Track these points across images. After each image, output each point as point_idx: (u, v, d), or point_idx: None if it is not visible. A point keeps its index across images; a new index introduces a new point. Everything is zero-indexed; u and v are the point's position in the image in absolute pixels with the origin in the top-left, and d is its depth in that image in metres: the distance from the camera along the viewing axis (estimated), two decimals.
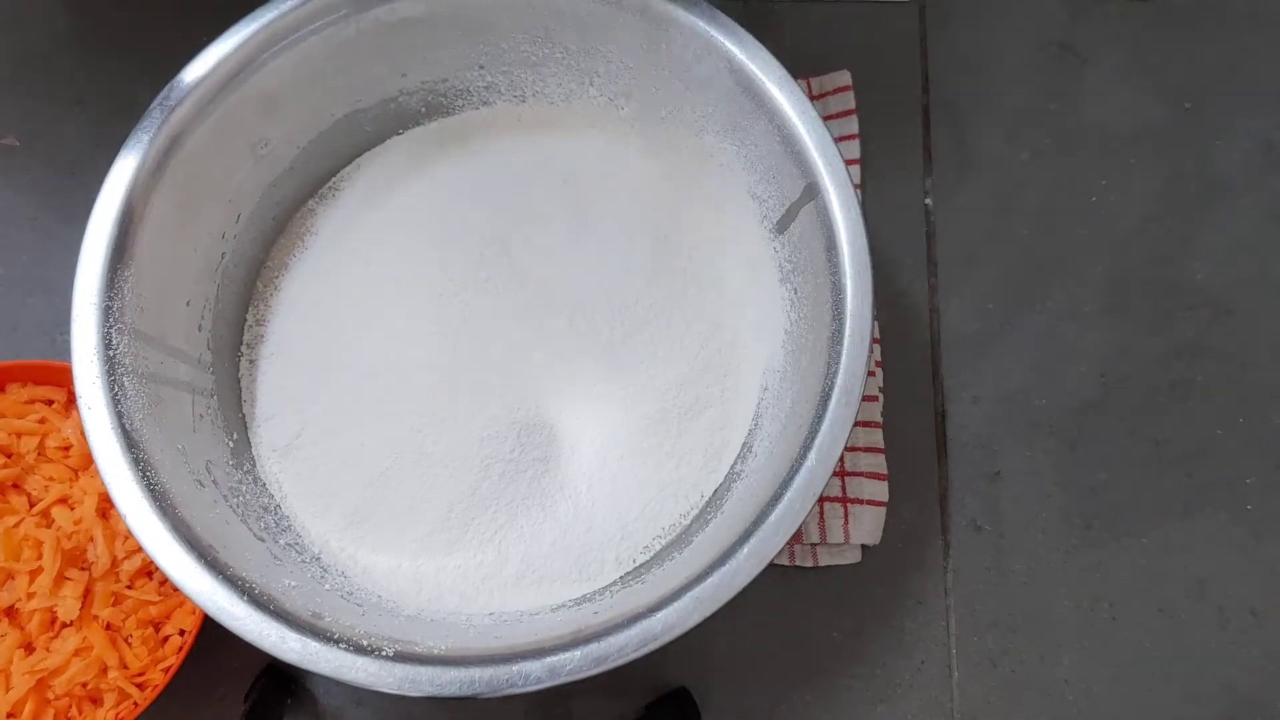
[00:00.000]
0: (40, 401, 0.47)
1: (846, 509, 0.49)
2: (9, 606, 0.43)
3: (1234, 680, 0.49)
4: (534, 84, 0.49)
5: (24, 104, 0.56)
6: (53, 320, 0.52)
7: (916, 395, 0.53)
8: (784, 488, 0.36)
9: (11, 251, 0.53)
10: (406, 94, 0.48)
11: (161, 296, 0.40)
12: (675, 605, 0.34)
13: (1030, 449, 0.52)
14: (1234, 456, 0.52)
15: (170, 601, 0.44)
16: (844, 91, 0.56)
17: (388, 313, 0.47)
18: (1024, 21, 0.59)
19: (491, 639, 0.36)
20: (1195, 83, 0.58)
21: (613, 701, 0.48)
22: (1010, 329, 0.54)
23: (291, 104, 0.44)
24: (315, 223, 0.49)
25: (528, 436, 0.44)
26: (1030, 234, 0.55)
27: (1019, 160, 0.57)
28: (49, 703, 0.42)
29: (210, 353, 0.44)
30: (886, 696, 0.49)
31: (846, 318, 0.38)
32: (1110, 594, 0.50)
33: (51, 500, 0.44)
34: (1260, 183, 0.56)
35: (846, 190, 0.39)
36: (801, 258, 0.43)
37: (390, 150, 0.50)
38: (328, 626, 0.34)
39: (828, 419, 0.37)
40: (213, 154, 0.42)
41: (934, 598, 0.50)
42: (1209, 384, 0.53)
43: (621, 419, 0.45)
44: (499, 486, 0.44)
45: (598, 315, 0.47)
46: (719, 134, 0.45)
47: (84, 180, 0.54)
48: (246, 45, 0.41)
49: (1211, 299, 0.54)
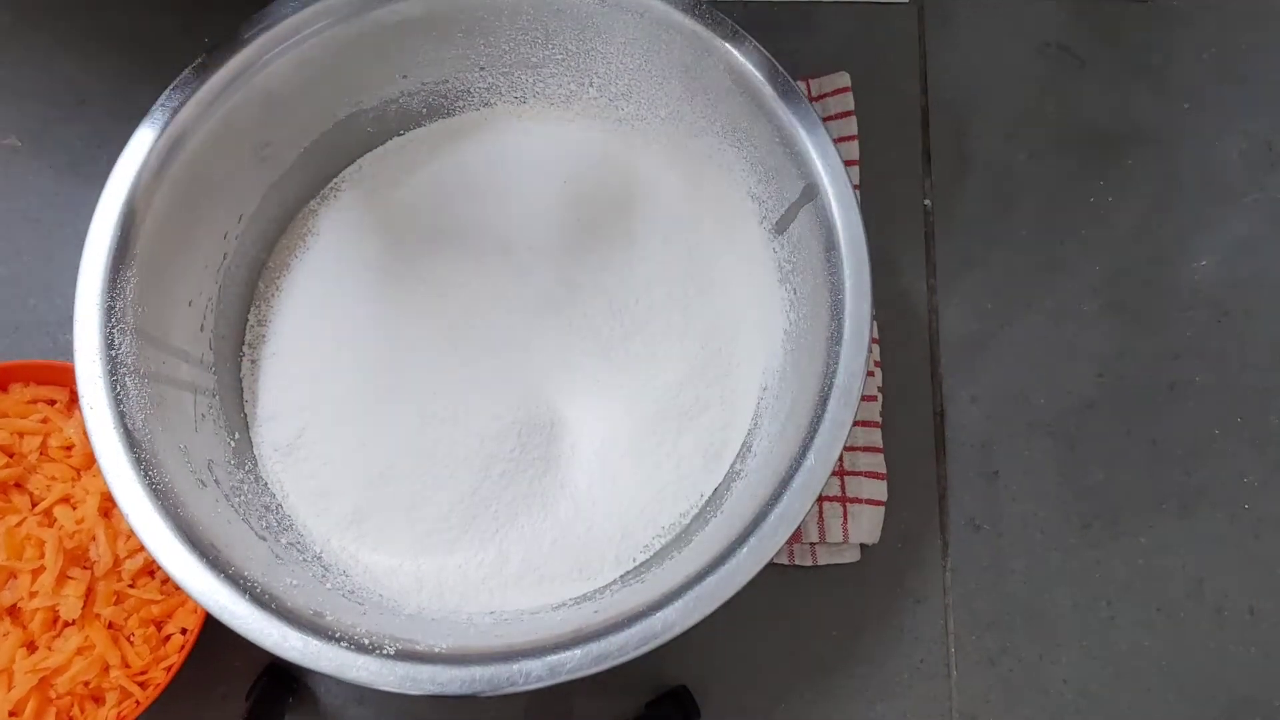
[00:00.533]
0: (43, 401, 0.47)
1: (845, 508, 0.49)
2: (11, 605, 0.43)
3: (1232, 679, 0.49)
4: (534, 85, 0.49)
5: (26, 105, 0.56)
6: (55, 320, 0.52)
7: (915, 395, 0.53)
8: (783, 487, 0.36)
9: (14, 251, 0.54)
10: (407, 95, 0.48)
11: (163, 296, 0.40)
12: (675, 604, 0.34)
13: (1029, 448, 0.52)
14: (1232, 456, 0.52)
15: (172, 600, 0.44)
16: (843, 93, 0.56)
17: (389, 313, 0.47)
18: (1023, 22, 0.59)
19: (492, 638, 0.37)
20: (1195, 83, 0.58)
21: (613, 700, 0.48)
22: (1009, 329, 0.54)
23: (293, 105, 0.44)
24: (316, 223, 0.49)
25: (528, 436, 0.45)
26: (1029, 234, 0.56)
27: (1018, 160, 0.57)
28: (51, 701, 0.42)
29: (212, 352, 0.44)
30: (885, 695, 0.49)
31: (846, 318, 0.38)
32: (1108, 593, 0.50)
33: (54, 499, 0.44)
34: (1260, 183, 0.57)
35: (846, 191, 0.39)
36: (801, 258, 0.43)
37: (391, 151, 0.50)
38: (329, 625, 0.34)
39: (827, 419, 0.37)
40: (215, 155, 0.42)
41: (933, 596, 0.50)
42: (1207, 384, 0.53)
43: (622, 419, 0.45)
44: (500, 486, 0.44)
45: (598, 315, 0.47)
46: (719, 135, 0.46)
47: (86, 180, 0.55)
48: (249, 46, 0.41)
49: (1210, 299, 0.55)
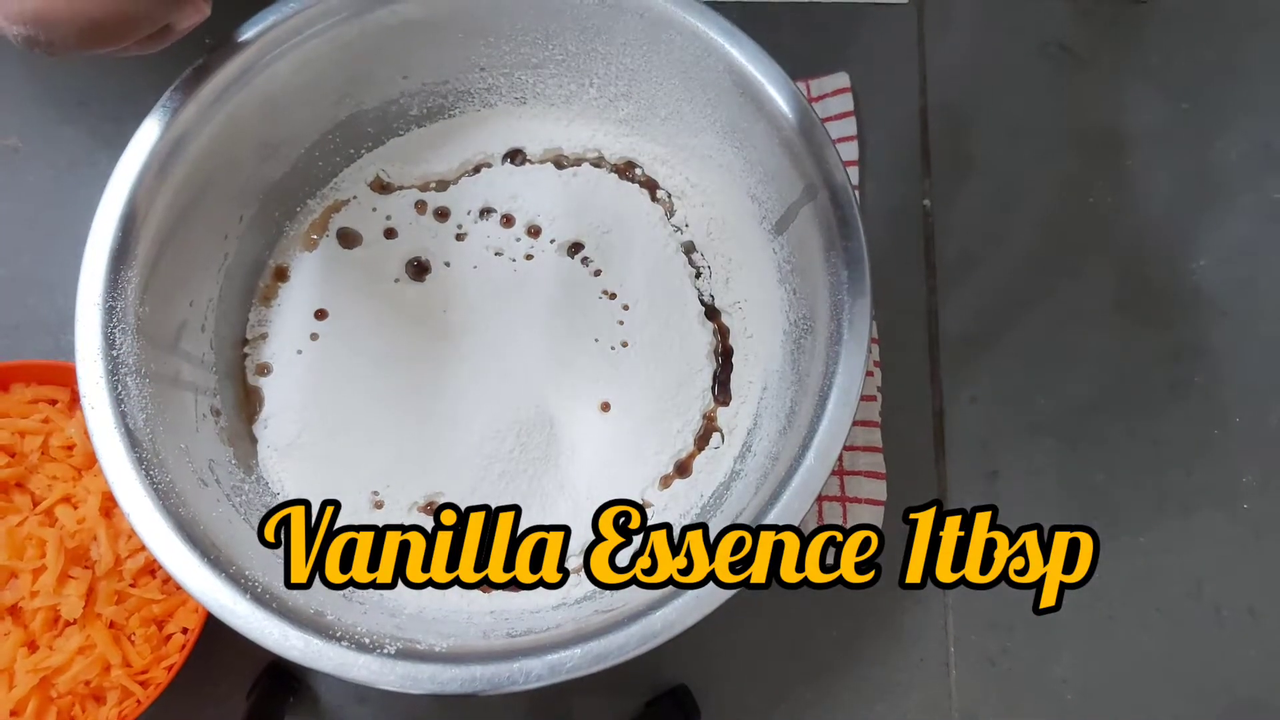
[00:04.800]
0: (44, 401, 0.47)
1: (845, 508, 0.49)
2: (12, 605, 0.43)
3: (1231, 679, 0.49)
4: (534, 85, 0.49)
5: (26, 106, 0.56)
6: (56, 320, 0.52)
7: (915, 395, 0.53)
8: (783, 487, 0.36)
9: (14, 252, 0.54)
10: (408, 96, 0.49)
11: (164, 296, 0.40)
12: (675, 603, 0.34)
13: (1028, 449, 0.52)
14: (1232, 456, 0.52)
15: (173, 600, 0.44)
16: (843, 93, 0.56)
17: (389, 313, 0.47)
18: (1023, 22, 0.59)
19: (492, 637, 0.37)
20: (1195, 83, 0.58)
21: (613, 699, 0.48)
22: (1009, 329, 0.54)
23: (294, 106, 0.44)
24: (317, 224, 0.49)
25: (528, 436, 0.45)
26: (1029, 234, 0.56)
27: (1018, 161, 0.57)
28: (52, 701, 0.42)
29: (213, 352, 0.44)
30: (885, 695, 0.49)
31: (845, 318, 0.38)
32: (1108, 593, 0.50)
33: (55, 499, 0.45)
34: (1260, 183, 0.57)
35: (846, 191, 0.39)
36: (801, 258, 0.43)
37: (392, 151, 0.50)
38: (330, 624, 0.34)
39: (826, 418, 0.37)
40: (216, 155, 0.42)
41: (932, 596, 0.50)
42: (1207, 384, 0.53)
43: (621, 419, 0.46)
44: (499, 486, 0.44)
45: (598, 316, 0.47)
46: (718, 135, 0.46)
47: (86, 181, 0.55)
48: (250, 48, 0.41)
49: (1210, 299, 0.55)
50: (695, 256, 0.49)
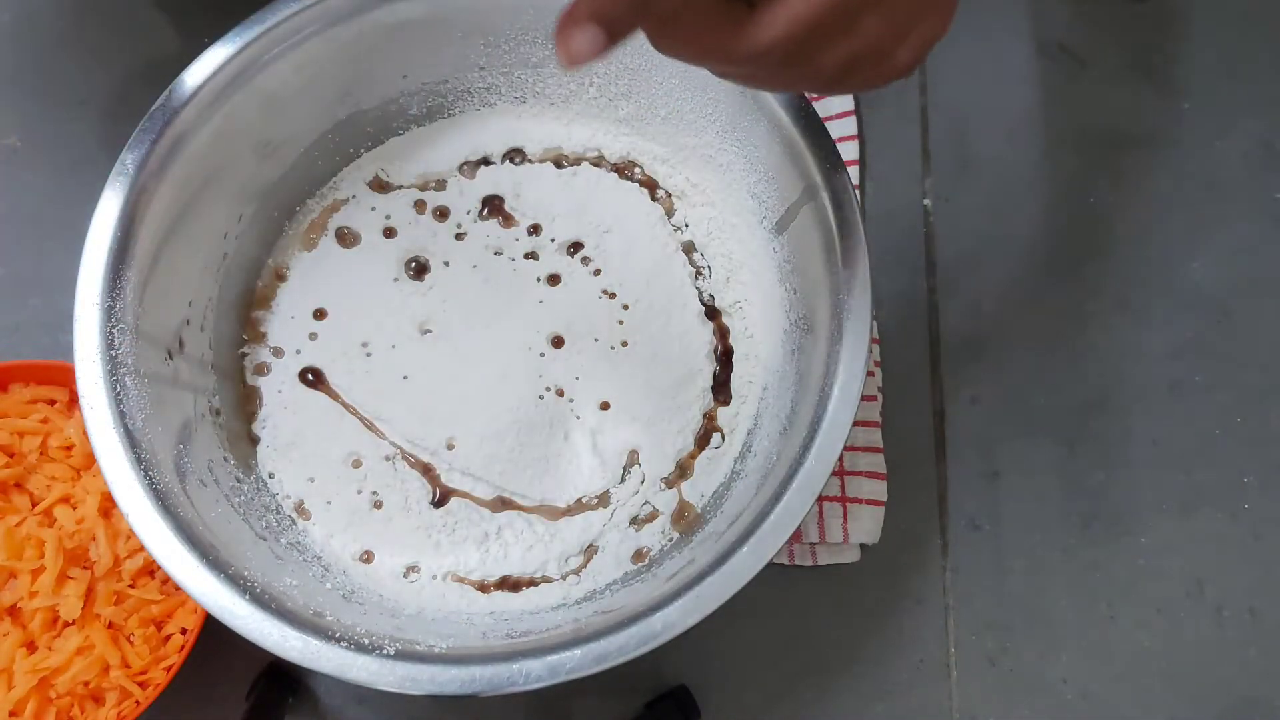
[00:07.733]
0: (42, 401, 0.47)
1: (845, 508, 0.49)
2: (11, 606, 0.43)
3: (1232, 679, 0.49)
4: (534, 85, 0.49)
5: (26, 105, 0.56)
6: (55, 320, 0.52)
7: (915, 395, 0.53)
8: (783, 487, 0.36)
9: (13, 251, 0.54)
10: (407, 95, 0.48)
11: (163, 296, 0.40)
12: (675, 604, 0.34)
13: (1029, 449, 0.52)
14: (1232, 456, 0.52)
15: (172, 600, 0.44)
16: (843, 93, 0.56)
17: (389, 313, 0.47)
18: (1023, 22, 0.59)
19: (492, 638, 0.37)
20: (1195, 83, 0.58)
21: (613, 700, 0.48)
22: (1009, 329, 0.54)
23: (293, 105, 0.44)
24: (317, 223, 0.49)
25: (528, 435, 0.45)
26: (1029, 234, 0.56)
27: (1018, 160, 0.57)
28: (51, 701, 0.42)
29: (212, 352, 0.44)
30: (885, 695, 0.49)
31: (846, 317, 0.38)
32: (1109, 593, 0.50)
33: (54, 499, 0.44)
34: (1260, 183, 0.57)
35: (846, 191, 0.39)
36: (801, 258, 0.43)
37: (391, 150, 0.50)
38: (329, 625, 0.34)
39: (827, 419, 0.37)
40: (215, 155, 0.42)
41: (932, 597, 0.50)
42: (1207, 384, 0.53)
43: (621, 419, 0.45)
44: (499, 485, 0.44)
45: (598, 316, 0.47)
46: (719, 134, 0.46)
47: (86, 180, 0.54)
48: (249, 47, 0.41)
49: (1210, 299, 0.54)
50: (695, 256, 0.49)
